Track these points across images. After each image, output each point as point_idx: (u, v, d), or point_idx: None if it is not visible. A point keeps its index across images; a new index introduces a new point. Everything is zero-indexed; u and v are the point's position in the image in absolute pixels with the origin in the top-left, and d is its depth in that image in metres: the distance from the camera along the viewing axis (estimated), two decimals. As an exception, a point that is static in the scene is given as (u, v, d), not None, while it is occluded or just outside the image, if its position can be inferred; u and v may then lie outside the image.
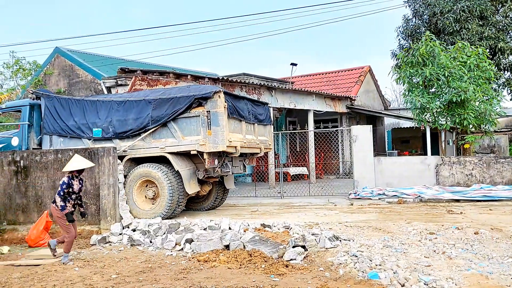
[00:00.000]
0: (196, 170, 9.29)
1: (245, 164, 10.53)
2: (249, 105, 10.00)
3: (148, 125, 9.07)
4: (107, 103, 9.59)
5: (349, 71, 23.33)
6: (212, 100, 8.65)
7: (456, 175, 11.88)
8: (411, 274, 4.80)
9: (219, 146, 8.62)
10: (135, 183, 9.12)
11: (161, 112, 8.97)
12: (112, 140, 9.41)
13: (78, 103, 9.89)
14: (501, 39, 19.62)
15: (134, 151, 9.28)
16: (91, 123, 9.58)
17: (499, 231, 6.84)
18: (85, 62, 17.94)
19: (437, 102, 12.79)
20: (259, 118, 10.35)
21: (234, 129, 9.17)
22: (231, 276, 5.15)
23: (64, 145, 9.70)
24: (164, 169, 8.92)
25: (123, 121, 9.30)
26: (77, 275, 5.52)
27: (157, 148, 9.07)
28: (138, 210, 9.05)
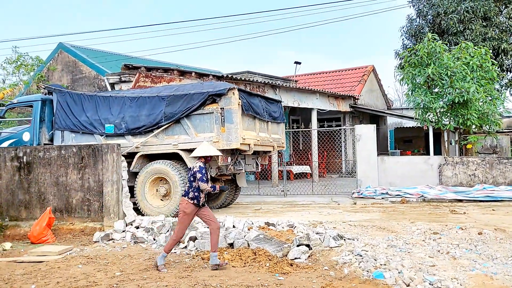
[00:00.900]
0: (208, 167, 9.24)
1: (258, 162, 10.45)
2: (263, 102, 9.91)
3: (161, 122, 9.02)
4: (120, 99, 9.55)
5: (352, 70, 23.31)
6: (226, 97, 8.59)
7: (459, 175, 11.85)
8: (416, 274, 4.79)
9: (232, 143, 8.56)
10: (148, 180, 9.09)
11: (175, 109, 8.92)
12: (124, 136, 9.38)
13: (90, 99, 9.86)
14: (505, 40, 19.58)
15: (146, 148, 9.24)
16: (103, 119, 9.55)
17: (502, 231, 6.82)
18: (88, 58, 17.94)
19: (440, 102, 12.76)
20: (273, 116, 10.26)
21: (248, 126, 9.10)
22: (235, 275, 5.14)
23: (76, 141, 9.68)
24: (177, 166, 8.88)
25: (135, 117, 9.26)
26: (81, 272, 5.51)
27: (170, 145, 9.03)
28: (150, 207, 9.03)
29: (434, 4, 20.78)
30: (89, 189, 8.26)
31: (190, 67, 21.26)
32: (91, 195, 8.25)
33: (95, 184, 8.26)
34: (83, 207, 8.27)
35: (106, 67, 17.11)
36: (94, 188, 8.25)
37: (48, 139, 10.16)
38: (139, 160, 9.30)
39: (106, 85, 15.02)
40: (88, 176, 8.27)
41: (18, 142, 10.17)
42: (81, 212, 8.26)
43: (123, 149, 9.29)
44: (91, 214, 8.22)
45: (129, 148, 9.33)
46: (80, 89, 17.04)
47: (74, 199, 8.30)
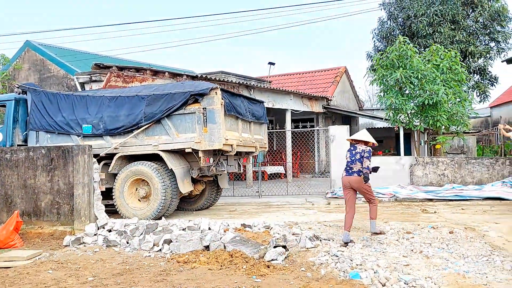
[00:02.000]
0: (190, 168, 9.06)
1: (240, 163, 10.33)
2: (245, 102, 9.79)
3: (141, 122, 8.82)
4: (98, 98, 9.29)
5: (325, 72, 23.55)
6: (208, 97, 8.44)
7: (429, 175, 12.12)
8: (391, 274, 4.85)
9: (215, 144, 8.42)
10: (127, 182, 8.89)
11: (155, 109, 8.74)
12: (103, 136, 9.13)
13: (67, 98, 9.56)
14: (472, 43, 20.19)
15: (125, 149, 9.02)
16: (80, 119, 9.27)
17: (472, 230, 7.00)
18: (57, 56, 17.47)
19: (411, 103, 13.03)
20: (256, 116, 10.15)
21: (231, 127, 8.98)
22: (212, 278, 5.09)
23: (52, 142, 9.38)
24: (157, 167, 8.71)
25: (114, 117, 9.03)
26: (51, 277, 5.34)
27: (150, 146, 8.83)
28: (129, 209, 8.84)
29: (405, 7, 21.24)
30: (58, 191, 8.03)
31: (163, 66, 21.01)
32: (61, 198, 8.03)
33: (65, 187, 8.03)
34: (52, 210, 8.03)
35: (75, 66, 16.69)
36: (64, 191, 8.03)
37: (22, 140, 9.80)
38: (118, 161, 9.09)
39: (75, 84, 14.66)
40: (58, 178, 8.04)
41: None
42: (50, 216, 8.02)
43: (102, 150, 9.10)
44: (61, 218, 7.99)
45: (107, 149, 9.10)
46: (48, 89, 16.58)
47: (43, 202, 8.06)
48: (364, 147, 6.80)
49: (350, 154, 6.84)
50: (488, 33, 20.83)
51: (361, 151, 6.74)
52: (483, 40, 21.15)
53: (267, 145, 10.91)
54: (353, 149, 6.88)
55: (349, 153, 6.88)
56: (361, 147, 6.80)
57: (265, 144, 10.72)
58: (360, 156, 6.71)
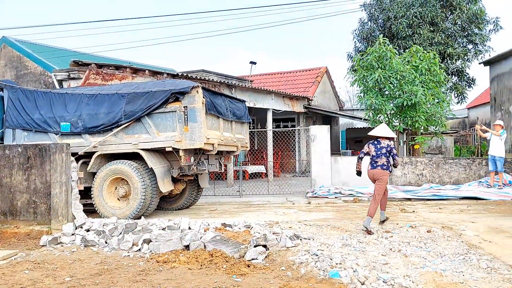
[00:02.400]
0: (170, 167, 8.99)
1: (221, 162, 10.29)
2: (227, 101, 9.74)
3: (121, 120, 8.71)
4: (77, 96, 9.14)
5: (306, 72, 23.68)
6: (189, 95, 8.37)
7: (408, 174, 12.30)
8: (370, 273, 4.90)
9: (196, 143, 8.36)
10: (106, 181, 8.77)
11: (135, 107, 8.64)
12: (81, 135, 9.00)
13: (44, 95, 9.39)
14: (450, 45, 20.55)
15: (105, 147, 8.90)
16: (58, 116, 9.11)
17: (449, 229, 7.13)
18: (34, 53, 17.14)
19: (391, 104, 13.20)
20: (237, 115, 10.12)
21: (212, 125, 8.92)
22: (192, 277, 5.05)
23: (29, 140, 9.20)
24: (137, 166, 8.61)
25: (93, 115, 8.90)
26: (27, 278, 5.23)
27: (130, 144, 8.73)
28: (108, 209, 8.72)
29: (385, 9, 21.48)
30: (35, 190, 7.86)
31: (144, 64, 20.81)
32: (37, 197, 7.86)
33: (42, 186, 7.87)
34: (29, 210, 7.86)
35: (53, 63, 16.40)
36: (41, 190, 7.86)
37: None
38: (97, 160, 8.96)
39: (53, 81, 14.41)
40: (35, 177, 7.87)
41: None
42: (26, 215, 7.85)
43: (80, 148, 8.96)
44: (38, 217, 7.83)
45: (86, 148, 8.97)
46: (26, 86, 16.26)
47: (19, 202, 7.88)
48: (388, 141, 7.29)
49: (375, 148, 7.29)
50: (466, 36, 21.23)
51: (387, 145, 7.25)
52: (461, 42, 21.55)
53: (248, 144, 10.91)
54: (377, 143, 7.33)
55: (374, 147, 7.32)
56: (386, 142, 7.29)
57: (246, 144, 10.71)
58: (386, 151, 7.22)
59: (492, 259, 5.37)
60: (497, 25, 21.10)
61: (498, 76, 20.50)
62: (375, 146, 7.31)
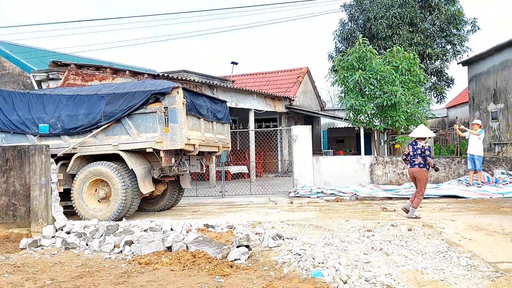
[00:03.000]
0: (151, 168, 8.92)
1: (203, 163, 10.26)
2: (207, 102, 9.71)
3: (101, 121, 8.62)
4: (55, 97, 9.02)
5: (288, 72, 23.76)
6: (170, 96, 8.32)
7: (389, 174, 12.46)
8: (353, 271, 4.94)
9: (177, 143, 8.32)
10: (85, 183, 8.66)
11: (115, 108, 8.55)
12: (60, 136, 8.88)
13: (22, 97, 9.24)
14: (429, 45, 20.89)
15: (84, 149, 8.80)
16: (36, 118, 8.98)
17: (430, 227, 7.24)
18: (12, 53, 16.81)
19: (371, 104, 13.34)
20: (218, 116, 10.10)
21: (193, 126, 8.88)
22: (174, 279, 5.03)
23: (6, 142, 9.03)
24: (117, 167, 8.53)
25: (72, 116, 8.79)
26: (7, 281, 5.13)
27: (110, 146, 8.65)
28: (88, 211, 8.61)
29: (365, 9, 21.71)
30: (14, 193, 7.72)
31: (124, 65, 20.61)
32: (16, 200, 7.72)
33: (21, 188, 7.73)
34: (8, 212, 7.71)
35: (32, 64, 16.11)
36: (20, 192, 7.72)
37: None
38: (77, 161, 8.85)
39: (32, 82, 14.16)
40: (14, 179, 7.73)
41: None
42: (5, 218, 7.70)
43: (59, 150, 8.83)
44: (17, 220, 7.69)
45: (65, 149, 8.85)
46: (3, 87, 15.94)
47: (-3, 204, 7.72)
48: (423, 143, 8.22)
49: (413, 149, 8.30)
50: (444, 36, 21.60)
51: (421, 147, 8.20)
52: (440, 42, 21.92)
53: (230, 144, 10.91)
54: (414, 144, 8.32)
55: (412, 148, 8.32)
56: (421, 143, 8.23)
57: (228, 144, 10.71)
58: (420, 152, 8.18)
59: (472, 257, 5.47)
60: (475, 26, 21.53)
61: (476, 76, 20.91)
62: (412, 146, 8.34)
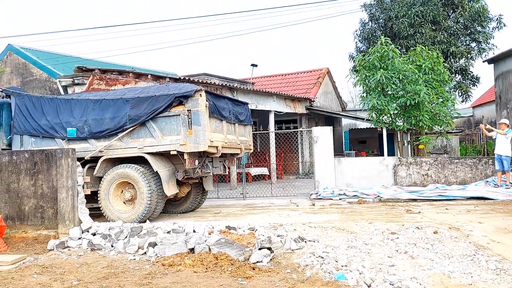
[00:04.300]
0: (175, 171, 9.02)
1: (225, 164, 10.32)
2: (229, 104, 9.79)
3: (126, 125, 8.77)
4: (82, 101, 9.21)
5: (308, 73, 23.68)
6: (193, 99, 8.43)
7: (413, 175, 12.27)
8: (377, 275, 4.89)
9: (200, 146, 8.40)
10: (112, 185, 8.82)
11: (140, 111, 8.69)
12: (87, 140, 9.07)
13: (51, 102, 9.47)
14: (453, 43, 20.50)
15: (110, 152, 8.95)
16: (65, 122, 9.19)
17: (456, 230, 7.09)
18: (39, 60, 17.26)
19: (394, 104, 13.17)
20: (240, 118, 10.15)
21: (215, 128, 8.96)
22: (197, 280, 5.07)
23: (36, 146, 9.26)
24: (142, 170, 8.65)
25: (99, 120, 8.97)
26: (36, 282, 5.27)
27: (135, 148, 8.78)
28: (114, 212, 8.76)
29: (386, 8, 21.48)
30: (42, 195, 7.91)
31: (146, 69, 20.87)
32: (44, 202, 7.90)
33: (49, 190, 7.91)
34: (36, 214, 7.91)
35: (58, 69, 16.50)
36: (48, 195, 7.91)
37: (6, 144, 9.66)
38: (103, 164, 9.01)
39: (58, 87, 14.48)
40: (42, 182, 7.92)
41: None
42: (34, 220, 7.90)
43: (86, 153, 9.02)
44: (45, 222, 7.87)
45: (92, 152, 9.02)
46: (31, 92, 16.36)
47: (26, 206, 7.93)
48: None
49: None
50: (469, 34, 21.18)
51: None
52: (464, 40, 21.50)
53: (252, 146, 10.94)
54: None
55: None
56: None
57: (250, 146, 10.75)
58: None
59: (501, 260, 5.33)
60: (501, 23, 21.05)
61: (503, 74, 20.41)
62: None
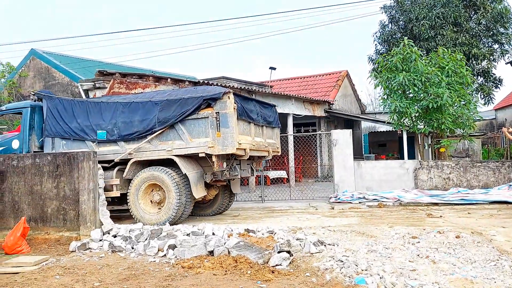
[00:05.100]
0: (203, 173, 9.04)
1: (253, 167, 10.27)
2: (257, 106, 9.76)
3: (155, 127, 8.86)
4: (112, 104, 9.36)
5: (327, 76, 23.58)
6: (221, 101, 8.45)
7: (434, 179, 12.09)
8: (398, 279, 4.83)
9: (228, 148, 8.41)
10: (141, 187, 8.92)
11: (168, 114, 8.77)
12: (117, 142, 9.19)
13: (81, 105, 9.64)
14: (475, 45, 20.16)
15: (140, 154, 9.05)
16: (95, 125, 9.34)
17: (479, 234, 6.96)
18: (61, 64, 17.61)
19: (415, 107, 13.00)
20: (268, 120, 10.11)
21: (243, 131, 8.96)
22: (217, 283, 5.09)
23: (67, 148, 9.44)
24: (171, 172, 8.72)
25: (128, 123, 9.08)
26: (58, 283, 5.36)
27: (164, 151, 8.85)
28: (143, 215, 8.86)
29: (406, 10, 21.26)
30: (64, 197, 8.05)
31: (165, 72, 21.11)
32: (66, 204, 8.05)
33: (71, 193, 8.06)
34: (58, 216, 8.06)
35: (79, 73, 16.80)
36: (70, 197, 8.05)
37: (38, 146, 9.86)
38: (133, 166, 9.11)
39: (80, 91, 14.73)
40: (64, 184, 8.07)
41: (7, 149, 9.81)
42: (56, 221, 8.05)
43: (116, 155, 9.16)
44: (67, 223, 8.01)
45: (122, 155, 9.14)
46: (53, 95, 16.70)
47: (49, 208, 8.09)
48: None
49: None
50: (491, 35, 20.80)
51: None
52: (486, 42, 21.13)
53: (280, 149, 10.84)
54: None
55: None
56: None
57: (278, 148, 10.66)
58: None
59: (525, 265, 5.22)
60: (524, 24, 20.62)
61: (526, 77, 19.91)
62: None
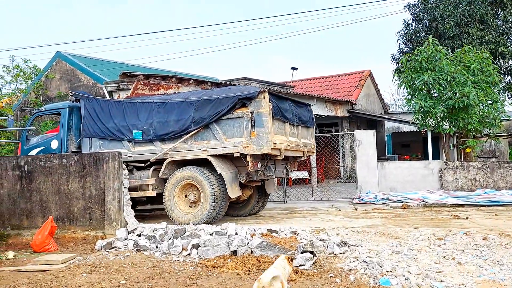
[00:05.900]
0: (238, 173, 9.04)
1: (288, 167, 10.20)
2: (292, 106, 9.68)
3: (190, 127, 8.92)
4: (148, 104, 9.49)
5: (349, 75, 23.38)
6: (256, 101, 8.43)
7: (460, 179, 11.87)
8: (424, 281, 4.77)
9: (263, 148, 8.38)
10: (176, 187, 9.02)
11: (203, 114, 8.82)
12: (153, 142, 9.32)
13: (117, 105, 9.81)
14: (502, 43, 19.71)
15: (175, 154, 9.14)
16: (131, 125, 9.48)
17: (507, 236, 6.81)
18: (86, 66, 17.95)
19: (440, 106, 12.78)
20: (303, 120, 10.03)
21: (278, 130, 8.90)
22: (241, 282, 5.11)
23: (104, 148, 9.62)
24: (206, 172, 8.77)
25: (164, 123, 9.18)
26: (85, 281, 5.47)
27: (199, 151, 8.91)
28: (179, 214, 8.96)
29: (430, 8, 20.93)
30: (90, 197, 8.22)
31: (188, 74, 21.28)
32: (92, 203, 8.21)
33: (96, 192, 8.22)
34: (84, 216, 8.23)
35: (104, 75, 17.09)
36: (95, 196, 8.21)
37: (76, 146, 10.08)
38: (168, 166, 9.20)
39: (104, 93, 14.98)
40: (90, 184, 8.23)
41: (47, 150, 10.07)
42: (82, 221, 8.22)
43: (152, 155, 9.29)
44: (93, 222, 8.17)
45: (157, 154, 9.26)
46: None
47: (75, 208, 8.26)
48: None
49: None
50: (518, 33, 20.32)
51: None
52: (513, 40, 20.65)
53: (315, 149, 10.73)
54: None
55: None
56: None
57: (313, 149, 10.56)
58: None
59: (554, 268, 5.09)
60: (553, 21, 20.05)
61: (556, 75, 19.42)
62: None
